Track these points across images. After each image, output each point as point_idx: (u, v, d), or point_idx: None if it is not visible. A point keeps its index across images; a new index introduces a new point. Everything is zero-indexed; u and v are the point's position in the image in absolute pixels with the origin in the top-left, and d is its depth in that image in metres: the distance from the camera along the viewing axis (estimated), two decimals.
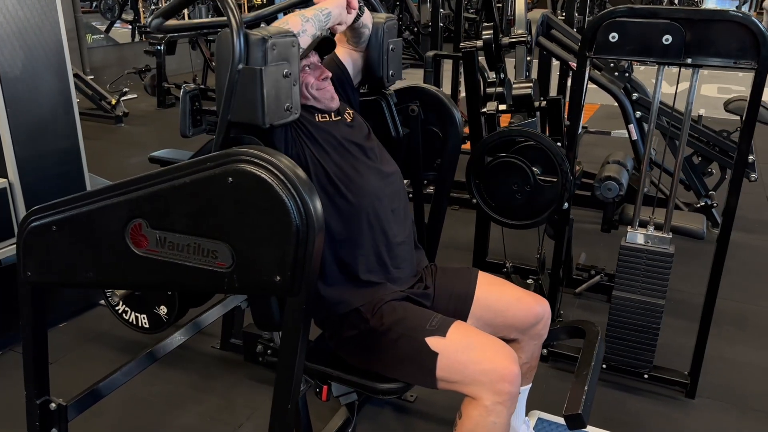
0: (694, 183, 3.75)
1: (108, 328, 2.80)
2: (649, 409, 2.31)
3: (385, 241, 1.65)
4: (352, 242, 1.62)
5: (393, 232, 1.67)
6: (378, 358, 1.58)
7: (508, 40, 2.78)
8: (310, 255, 1.19)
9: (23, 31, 2.43)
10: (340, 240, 1.61)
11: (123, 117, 6.54)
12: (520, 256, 3.17)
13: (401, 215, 1.72)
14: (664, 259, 2.21)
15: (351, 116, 1.75)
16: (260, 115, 1.37)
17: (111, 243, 1.34)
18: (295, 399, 1.30)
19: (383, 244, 1.65)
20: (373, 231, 1.63)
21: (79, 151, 2.73)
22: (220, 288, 1.27)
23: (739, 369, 2.54)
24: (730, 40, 1.91)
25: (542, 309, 1.76)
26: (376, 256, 1.64)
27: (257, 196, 1.17)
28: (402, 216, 1.72)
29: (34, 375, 1.58)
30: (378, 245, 1.64)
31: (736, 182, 2.08)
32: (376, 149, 1.74)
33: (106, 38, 9.23)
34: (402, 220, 1.72)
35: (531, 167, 2.29)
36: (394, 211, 1.69)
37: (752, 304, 3.04)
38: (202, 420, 2.24)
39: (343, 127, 1.69)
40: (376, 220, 1.63)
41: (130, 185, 1.30)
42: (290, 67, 1.41)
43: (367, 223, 1.62)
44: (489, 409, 1.45)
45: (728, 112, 3.57)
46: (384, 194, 1.67)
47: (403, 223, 1.72)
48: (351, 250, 1.62)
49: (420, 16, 9.72)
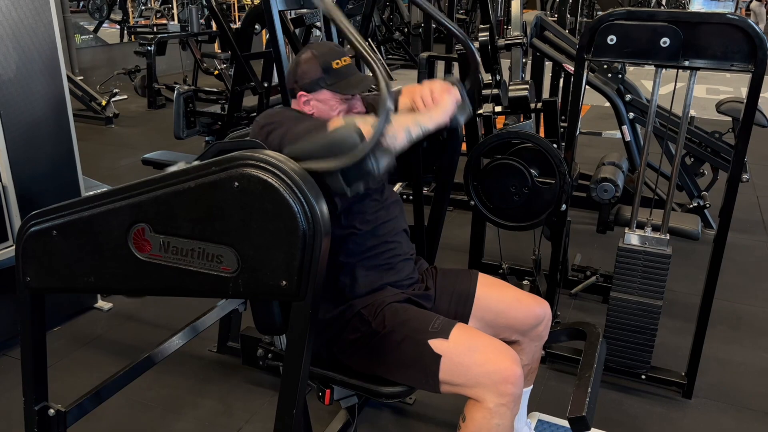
0: (687, 184, 3.78)
1: (102, 332, 2.78)
2: (647, 409, 2.32)
3: (387, 264, 1.69)
4: (351, 266, 1.65)
5: (394, 253, 1.70)
6: (380, 361, 1.58)
7: (504, 41, 2.79)
8: (316, 259, 1.18)
9: (17, 32, 2.40)
10: (340, 263, 1.64)
11: (113, 118, 6.50)
12: (516, 257, 3.18)
13: (400, 237, 1.75)
14: (661, 260, 2.22)
15: None
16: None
17: (113, 248, 1.32)
18: (301, 404, 1.29)
19: (385, 266, 1.68)
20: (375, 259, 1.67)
21: (74, 154, 2.71)
22: (224, 293, 1.26)
23: (734, 369, 2.56)
24: (727, 43, 1.93)
25: (543, 310, 1.76)
26: (376, 275, 1.67)
27: (263, 200, 1.16)
28: (402, 237, 1.75)
29: (32, 381, 1.56)
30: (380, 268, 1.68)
31: (733, 183, 2.09)
32: (387, 188, 1.76)
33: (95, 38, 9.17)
34: (402, 240, 1.75)
35: (529, 169, 2.29)
36: (394, 237, 1.72)
37: (745, 303, 3.07)
38: (200, 425, 2.23)
39: None
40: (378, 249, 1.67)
41: (133, 189, 1.28)
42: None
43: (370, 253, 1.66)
44: (493, 411, 1.45)
45: (720, 113, 3.59)
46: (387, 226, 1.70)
47: (404, 243, 1.76)
48: (350, 273, 1.65)
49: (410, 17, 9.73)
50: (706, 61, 1.98)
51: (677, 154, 2.24)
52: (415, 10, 10.15)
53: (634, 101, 3.64)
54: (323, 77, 1.61)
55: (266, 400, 2.32)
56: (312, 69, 1.62)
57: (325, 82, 1.61)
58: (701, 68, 2.00)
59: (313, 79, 1.62)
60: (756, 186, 4.64)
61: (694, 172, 3.77)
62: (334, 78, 1.61)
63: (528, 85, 2.56)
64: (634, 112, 3.65)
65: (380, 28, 9.45)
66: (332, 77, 1.61)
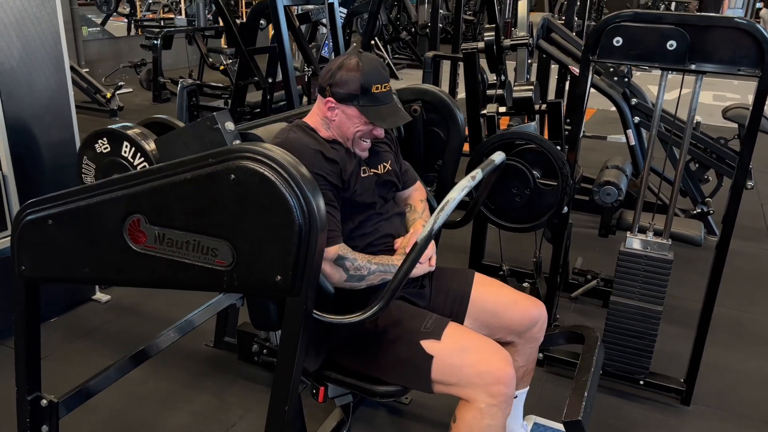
0: (691, 190, 3.75)
1: (100, 324, 2.77)
2: (644, 415, 2.30)
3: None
4: None
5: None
6: (373, 360, 1.57)
7: (510, 42, 2.78)
8: (312, 254, 1.17)
9: (21, 21, 2.40)
10: None
11: (118, 111, 6.49)
12: (516, 259, 3.16)
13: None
14: (663, 265, 2.20)
15: (384, 169, 1.73)
16: None
17: (108, 238, 1.31)
18: (294, 401, 1.28)
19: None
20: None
21: (75, 143, 2.70)
22: (219, 287, 1.25)
23: (734, 376, 2.54)
24: (735, 48, 1.91)
25: (538, 312, 1.75)
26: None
27: (259, 194, 1.15)
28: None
29: (26, 371, 1.56)
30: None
31: (736, 190, 2.07)
32: (389, 202, 1.75)
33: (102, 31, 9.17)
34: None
35: (531, 170, 2.27)
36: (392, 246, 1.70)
37: (747, 311, 3.04)
38: (194, 419, 2.22)
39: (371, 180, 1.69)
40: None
41: (129, 180, 1.27)
42: None
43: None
44: (484, 411, 1.43)
45: (727, 119, 3.56)
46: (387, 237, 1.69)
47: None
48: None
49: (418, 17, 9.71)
50: (713, 66, 1.96)
51: (681, 159, 2.22)
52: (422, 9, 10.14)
53: (639, 105, 3.61)
54: (359, 96, 1.58)
55: (262, 396, 2.31)
56: (352, 82, 1.57)
57: (359, 102, 1.58)
58: (708, 72, 1.98)
59: (349, 93, 1.58)
60: (761, 194, 4.61)
61: (698, 178, 3.75)
62: (369, 101, 1.58)
63: (532, 86, 2.55)
64: (639, 117, 3.62)
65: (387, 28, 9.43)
66: (368, 99, 1.58)
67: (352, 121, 1.60)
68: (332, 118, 1.62)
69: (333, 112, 1.61)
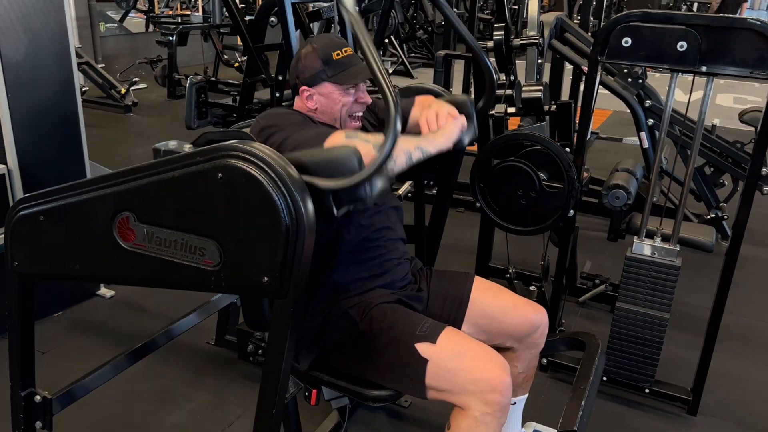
0: (705, 194, 3.68)
1: (103, 320, 2.77)
2: (649, 424, 2.25)
3: (380, 268, 1.64)
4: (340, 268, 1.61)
5: (387, 257, 1.66)
6: (367, 363, 1.54)
7: (520, 41, 2.74)
8: (299, 256, 1.14)
9: (27, 15, 2.40)
10: (330, 263, 1.60)
11: (132, 106, 6.53)
12: (524, 262, 3.12)
13: (396, 242, 1.71)
14: (670, 271, 2.15)
15: None
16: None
17: (98, 236, 1.30)
18: (281, 404, 1.26)
19: (377, 269, 1.64)
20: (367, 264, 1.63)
21: (80, 138, 2.71)
22: (207, 286, 1.23)
23: (743, 386, 2.48)
24: (747, 49, 1.85)
25: (539, 317, 1.71)
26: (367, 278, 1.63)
27: (247, 194, 1.13)
28: (398, 242, 1.71)
29: (19, 366, 1.55)
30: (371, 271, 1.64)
31: (748, 194, 2.02)
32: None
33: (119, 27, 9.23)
34: (398, 245, 1.71)
35: (537, 172, 2.24)
36: (388, 242, 1.67)
37: (759, 320, 2.98)
38: (192, 418, 2.21)
39: None
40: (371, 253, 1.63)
41: (119, 177, 1.26)
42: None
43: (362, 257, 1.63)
44: (478, 419, 1.40)
45: (743, 122, 3.49)
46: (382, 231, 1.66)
47: (400, 247, 1.72)
48: (343, 275, 1.61)
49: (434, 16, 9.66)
50: (725, 68, 1.90)
51: (691, 162, 2.17)
52: None
53: (653, 107, 3.55)
54: (324, 69, 1.58)
55: None
56: (312, 62, 1.59)
57: (326, 74, 1.58)
58: (719, 74, 1.92)
59: (314, 73, 1.59)
60: None
61: (713, 182, 3.68)
62: (334, 69, 1.58)
63: (542, 86, 2.51)
64: (653, 119, 3.56)
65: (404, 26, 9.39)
66: (333, 69, 1.58)
67: (332, 97, 1.60)
68: (313, 106, 1.62)
69: (312, 100, 1.61)
